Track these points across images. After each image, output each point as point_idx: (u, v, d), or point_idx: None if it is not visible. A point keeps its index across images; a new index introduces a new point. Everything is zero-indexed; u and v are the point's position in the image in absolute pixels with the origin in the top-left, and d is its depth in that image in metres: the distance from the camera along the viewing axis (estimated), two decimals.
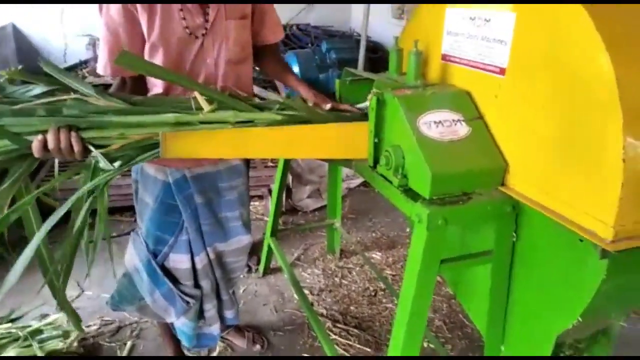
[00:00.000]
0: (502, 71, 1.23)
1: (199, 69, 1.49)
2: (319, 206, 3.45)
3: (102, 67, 1.47)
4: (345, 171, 3.68)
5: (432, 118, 1.27)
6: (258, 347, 2.13)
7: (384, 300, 2.47)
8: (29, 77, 1.25)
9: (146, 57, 1.45)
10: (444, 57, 1.45)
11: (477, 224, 1.35)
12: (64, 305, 1.30)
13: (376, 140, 1.39)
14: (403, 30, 1.63)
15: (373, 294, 2.52)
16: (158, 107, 1.30)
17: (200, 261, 1.66)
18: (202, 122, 1.29)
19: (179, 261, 1.64)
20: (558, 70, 1.06)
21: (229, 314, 1.84)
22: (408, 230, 3.15)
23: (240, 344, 2.15)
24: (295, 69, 3.98)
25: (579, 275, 1.08)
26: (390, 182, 1.32)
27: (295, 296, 2.48)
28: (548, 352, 1.21)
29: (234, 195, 1.69)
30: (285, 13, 5.21)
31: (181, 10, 1.41)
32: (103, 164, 1.19)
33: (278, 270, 2.73)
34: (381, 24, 5.10)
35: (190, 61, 1.48)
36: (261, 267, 2.69)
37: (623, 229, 0.97)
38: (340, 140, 1.39)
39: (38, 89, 1.23)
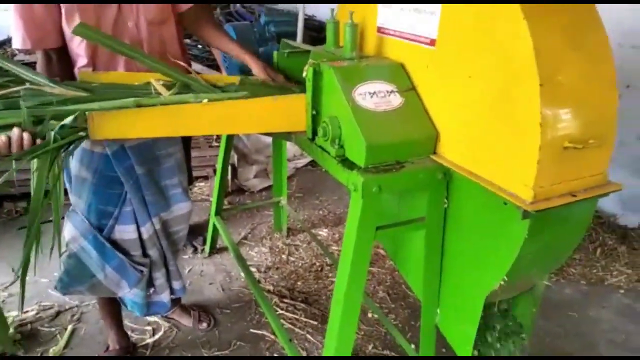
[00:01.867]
0: (432, 42, 1.26)
1: (121, 33, 1.47)
2: (266, 186, 3.44)
3: (20, 41, 1.41)
4: (292, 151, 3.69)
5: (367, 89, 1.29)
6: (205, 325, 2.12)
7: (330, 275, 2.51)
8: None
9: (64, 26, 1.41)
10: (379, 30, 1.47)
11: (411, 192, 1.39)
12: None
13: (314, 112, 1.39)
14: (340, 2, 1.63)
15: (319, 269, 2.55)
16: (116, 92, 1.28)
17: (147, 231, 1.65)
18: (163, 104, 1.26)
19: (125, 232, 1.62)
20: (483, 40, 1.10)
21: (176, 284, 1.83)
22: None
23: (186, 322, 2.13)
24: None
25: (504, 236, 1.14)
26: (328, 152, 1.33)
27: (242, 275, 2.48)
28: (478, 313, 1.27)
29: (172, 163, 1.69)
30: None
31: None
32: None
33: (224, 250, 2.71)
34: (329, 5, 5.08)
35: (111, 26, 1.45)
36: (207, 247, 2.67)
37: (542, 191, 1.03)
38: (278, 113, 1.39)
39: None
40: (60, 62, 1.50)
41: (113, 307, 1.91)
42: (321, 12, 5.24)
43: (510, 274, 1.17)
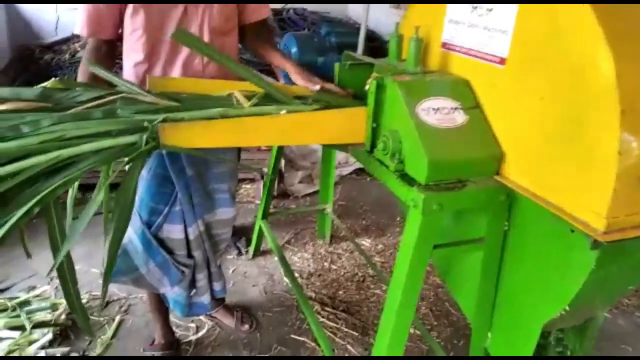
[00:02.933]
0: (502, 61, 1.23)
1: None
2: (310, 192, 3.46)
3: (80, 28, 1.51)
4: (338, 158, 3.69)
5: (430, 105, 1.28)
6: (247, 326, 2.14)
7: (372, 287, 2.49)
8: (70, 84, 1.32)
9: (127, 20, 1.48)
10: (444, 45, 1.45)
11: (471, 211, 1.36)
12: (72, 305, 1.25)
13: (374, 125, 1.39)
14: (404, 17, 1.63)
15: (361, 279, 2.54)
16: (203, 103, 1.35)
17: (193, 232, 1.68)
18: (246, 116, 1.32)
19: (172, 231, 1.66)
20: (558, 62, 1.07)
21: (217, 286, 1.86)
22: (398, 219, 3.17)
23: (228, 322, 2.16)
24: (294, 50, 3.96)
25: (569, 264, 1.10)
26: (387, 166, 1.32)
27: (285, 278, 2.50)
28: (534, 340, 1.24)
29: (224, 168, 1.71)
30: None
31: None
32: None
33: (267, 253, 2.74)
34: (379, 12, 5.08)
35: (175, 27, 1.49)
36: (251, 249, 2.70)
37: (615, 221, 0.99)
38: (340, 126, 1.39)
39: (87, 95, 1.28)
40: (108, 53, 1.58)
41: (160, 302, 1.96)
42: (371, 19, 5.25)
43: (572, 304, 1.12)
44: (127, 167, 1.23)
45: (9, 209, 1.09)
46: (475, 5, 1.31)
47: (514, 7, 1.18)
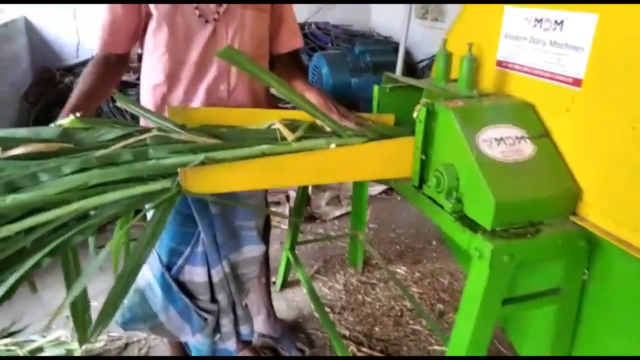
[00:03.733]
0: (576, 82, 1.05)
1: (211, 59, 1.38)
2: (339, 214, 3.29)
3: (94, 39, 1.40)
4: None
5: (492, 134, 1.10)
6: None
7: (410, 322, 2.29)
8: (92, 123, 1.18)
9: (149, 36, 1.37)
10: (500, 64, 1.28)
11: (545, 260, 1.17)
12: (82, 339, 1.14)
13: (423, 157, 1.22)
14: (450, 31, 1.46)
15: (399, 314, 2.34)
16: (242, 139, 1.22)
17: (217, 274, 1.53)
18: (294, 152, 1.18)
19: (195, 274, 1.50)
20: None
21: (244, 329, 1.69)
22: (434, 242, 2.97)
23: None
24: (325, 71, 3.78)
25: None
26: (441, 206, 1.15)
27: (315, 314, 2.32)
28: None
29: (252, 203, 1.57)
30: (303, 11, 5.05)
31: None
32: None
33: (296, 284, 2.57)
34: (404, 23, 4.92)
35: (201, 48, 1.36)
36: (279, 281, 2.53)
37: None
38: (384, 159, 1.22)
39: (112, 132, 1.15)
40: (117, 67, 1.45)
41: (182, 348, 1.80)
42: (395, 31, 5.08)
43: None
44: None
45: (20, 259, 0.96)
46: (539, 17, 1.13)
47: (592, 19, 1.00)
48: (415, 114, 1.19)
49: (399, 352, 2.11)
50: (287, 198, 3.27)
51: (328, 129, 1.29)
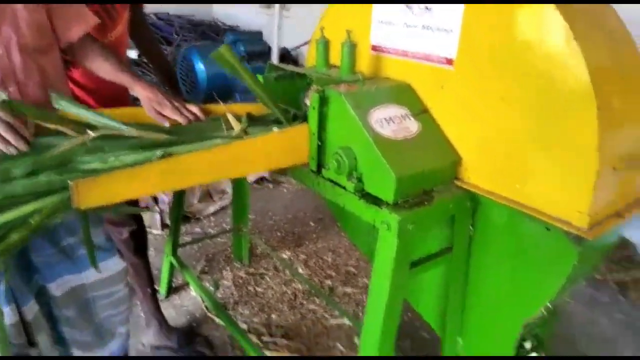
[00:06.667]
0: (449, 62, 1.17)
1: None
2: (213, 210, 3.20)
3: None
4: None
5: (381, 115, 1.18)
6: None
7: (304, 303, 2.36)
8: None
9: None
10: (375, 48, 1.36)
11: (439, 222, 1.30)
12: None
13: (319, 142, 1.25)
14: (321, 18, 1.50)
15: (292, 297, 2.39)
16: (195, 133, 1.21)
17: (30, 311, 1.27)
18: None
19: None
20: (520, 63, 1.02)
21: (99, 351, 1.48)
22: (312, 224, 3.08)
23: None
24: (200, 65, 3.57)
25: (550, 263, 1.08)
26: (343, 187, 1.20)
27: (209, 315, 2.25)
28: (514, 340, 1.22)
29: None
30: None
31: None
32: None
33: (182, 288, 2.45)
34: (248, 12, 4.90)
35: None
36: (162, 288, 2.39)
37: (596, 216, 0.99)
38: (281, 149, 1.22)
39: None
40: None
41: None
42: (241, 20, 5.04)
43: (555, 299, 1.12)
44: None
45: None
46: (409, 4, 1.23)
47: (459, 7, 1.12)
48: (307, 101, 1.22)
49: (300, 335, 2.16)
50: (156, 201, 3.07)
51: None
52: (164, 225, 2.98)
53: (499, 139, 1.10)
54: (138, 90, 1.31)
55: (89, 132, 1.11)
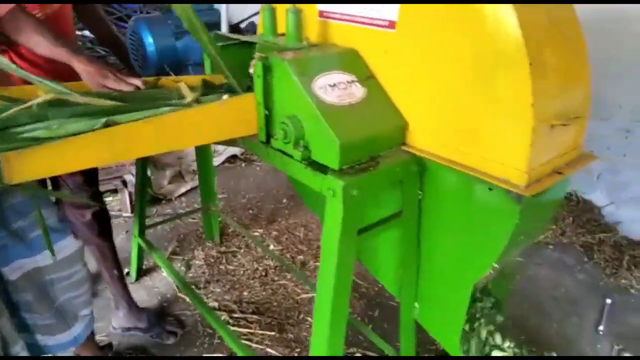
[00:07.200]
0: (391, 25, 1.16)
1: None
2: (184, 191, 3.18)
3: None
4: None
5: (326, 81, 1.16)
6: None
7: (276, 279, 2.37)
8: None
9: None
10: (322, 14, 1.34)
11: (387, 187, 1.30)
12: None
13: (266, 112, 1.24)
14: None
15: (264, 273, 2.40)
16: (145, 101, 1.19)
17: None
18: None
19: None
20: (457, 21, 1.02)
21: (50, 340, 1.47)
22: (285, 201, 3.08)
23: None
24: (149, 38, 3.47)
25: (492, 223, 1.09)
26: (291, 156, 1.19)
27: (181, 295, 2.25)
28: (465, 303, 1.23)
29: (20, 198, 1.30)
30: None
31: None
32: None
33: (153, 270, 2.44)
34: None
35: None
36: (132, 271, 2.38)
37: (534, 173, 1.00)
38: (229, 119, 1.21)
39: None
40: None
41: None
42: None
43: (500, 260, 1.13)
44: None
45: None
46: None
47: None
48: (251, 70, 1.20)
49: (270, 310, 2.18)
50: (124, 183, 3.03)
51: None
52: (133, 208, 2.95)
53: (441, 102, 1.10)
54: (76, 65, 1.27)
55: (36, 98, 1.08)
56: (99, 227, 1.86)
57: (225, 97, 1.24)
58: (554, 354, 1.91)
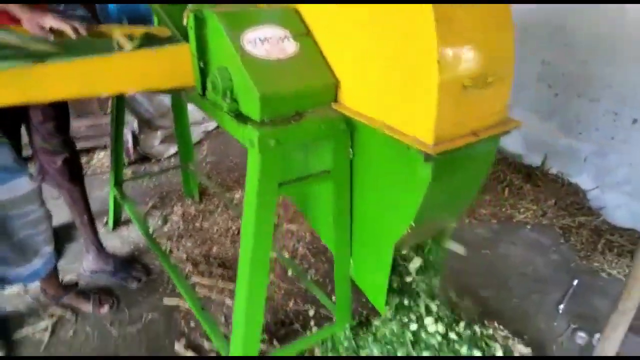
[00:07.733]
0: None
1: None
2: (174, 152, 3.24)
3: None
4: (201, 114, 3.49)
5: (256, 35, 1.17)
6: (106, 307, 1.95)
7: None
8: None
9: None
10: None
11: (315, 144, 1.31)
12: None
13: (201, 64, 1.26)
14: None
15: (236, 232, 2.46)
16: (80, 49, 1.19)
17: None
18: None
19: None
20: None
21: (13, 273, 1.59)
22: None
23: (84, 308, 1.95)
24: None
25: (409, 182, 1.10)
26: (221, 107, 1.21)
27: None
28: (388, 261, 1.26)
29: None
30: None
31: None
32: None
33: (130, 222, 2.53)
34: None
35: None
36: (110, 220, 2.47)
37: (444, 133, 1.00)
38: (162, 68, 1.23)
39: None
40: None
41: None
42: None
43: (417, 219, 1.14)
44: None
45: None
46: None
47: None
48: (184, 21, 1.22)
49: (235, 265, 2.21)
50: None
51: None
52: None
53: (364, 61, 1.10)
54: (16, 12, 1.30)
55: None
56: (69, 173, 1.93)
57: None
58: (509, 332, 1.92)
